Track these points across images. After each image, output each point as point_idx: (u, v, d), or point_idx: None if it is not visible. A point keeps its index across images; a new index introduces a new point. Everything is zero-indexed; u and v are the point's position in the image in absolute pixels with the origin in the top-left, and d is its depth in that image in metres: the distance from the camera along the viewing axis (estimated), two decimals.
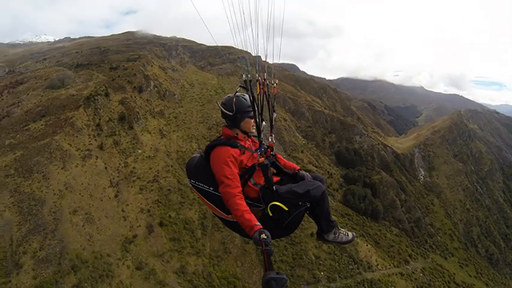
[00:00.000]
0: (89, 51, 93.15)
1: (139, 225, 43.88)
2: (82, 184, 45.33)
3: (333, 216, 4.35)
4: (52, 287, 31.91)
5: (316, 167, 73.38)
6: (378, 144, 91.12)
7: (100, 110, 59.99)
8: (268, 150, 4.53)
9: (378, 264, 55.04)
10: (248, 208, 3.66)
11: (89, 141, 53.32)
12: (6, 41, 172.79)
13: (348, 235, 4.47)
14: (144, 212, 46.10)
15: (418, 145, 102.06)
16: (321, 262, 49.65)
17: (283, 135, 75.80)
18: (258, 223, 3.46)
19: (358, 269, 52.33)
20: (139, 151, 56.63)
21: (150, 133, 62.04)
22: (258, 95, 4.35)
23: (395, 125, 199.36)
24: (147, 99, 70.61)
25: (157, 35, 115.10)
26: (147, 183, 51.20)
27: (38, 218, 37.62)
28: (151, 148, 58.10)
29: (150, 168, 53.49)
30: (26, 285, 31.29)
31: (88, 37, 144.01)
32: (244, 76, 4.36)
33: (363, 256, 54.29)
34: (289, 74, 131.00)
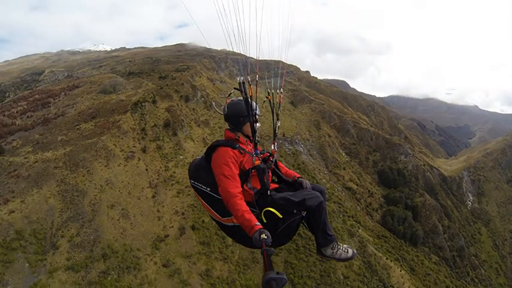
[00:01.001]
0: (141, 60, 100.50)
1: (172, 226, 45.92)
2: (122, 182, 48.59)
3: (331, 231, 4.28)
4: (82, 269, 34.87)
5: (357, 185, 72.79)
6: (424, 165, 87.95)
7: (146, 115, 63.85)
8: (270, 157, 4.64)
9: None
10: (248, 208, 3.72)
11: (133, 144, 56.97)
12: (67, 49, 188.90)
13: (347, 252, 4.34)
14: (178, 214, 48.11)
15: (468, 168, 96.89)
16: (348, 283, 48.33)
17: (326, 151, 76.30)
18: (258, 223, 3.52)
19: None
20: (181, 157, 59.26)
21: (193, 141, 64.81)
22: (251, 96, 4.45)
23: (446, 146, 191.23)
24: (193, 109, 73.92)
25: (208, 47, 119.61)
26: (185, 187, 53.10)
27: (78, 208, 41.19)
28: (193, 155, 60.56)
29: None
30: (58, 265, 34.55)
31: (142, 47, 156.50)
32: (238, 78, 4.43)
33: (394, 282, 52.11)
34: (338, 90, 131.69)
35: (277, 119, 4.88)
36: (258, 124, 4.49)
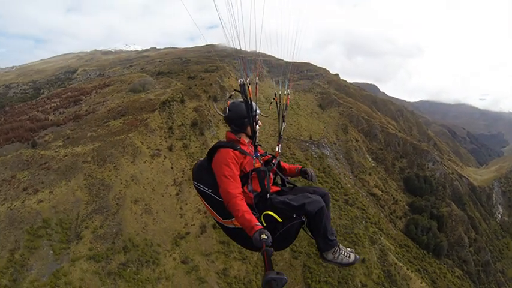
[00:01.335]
0: (171, 60, 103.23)
1: (194, 224, 46.85)
2: (147, 178, 50.02)
3: (332, 235, 4.23)
4: (102, 260, 36.50)
5: (382, 191, 71.52)
6: (453, 173, 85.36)
7: (174, 114, 65.29)
8: (272, 159, 4.69)
9: None
10: (248, 209, 3.71)
11: (160, 142, 58.47)
12: (100, 48, 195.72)
13: (349, 257, 4.33)
14: (200, 212, 48.94)
15: (499, 178, 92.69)
16: None
17: (353, 156, 75.57)
18: (259, 223, 3.51)
19: None
20: None
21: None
22: (250, 97, 4.44)
23: (477, 155, 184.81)
24: (221, 109, 74.11)
25: (238, 48, 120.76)
26: None
27: (103, 201, 42.93)
28: None
29: None
30: (81, 254, 36.35)
31: (172, 48, 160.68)
32: (239, 80, 4.46)
33: None
34: (367, 94, 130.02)
35: (283, 121, 4.92)
36: (258, 126, 4.49)
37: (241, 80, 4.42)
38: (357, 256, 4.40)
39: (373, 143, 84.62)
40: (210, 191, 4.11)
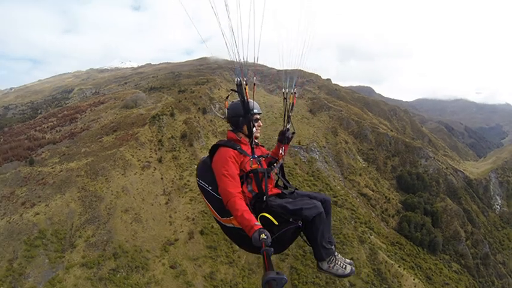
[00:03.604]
0: (163, 76, 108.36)
1: (182, 231, 50.24)
2: (137, 189, 53.73)
3: (328, 244, 4.21)
4: (94, 266, 40.15)
5: (373, 191, 73.91)
6: (447, 168, 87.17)
7: (163, 128, 69.12)
8: (275, 161, 4.73)
9: None
10: (248, 208, 3.70)
11: (150, 154, 62.19)
12: (96, 67, 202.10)
13: (345, 268, 4.28)
14: (189, 220, 52.28)
15: (496, 169, 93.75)
16: None
17: (342, 158, 78.31)
18: (258, 223, 3.50)
19: None
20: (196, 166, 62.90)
21: None
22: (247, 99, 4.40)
23: (476, 148, 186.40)
24: (210, 120, 78.46)
25: (229, 59, 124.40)
26: (198, 195, 56.26)
27: (95, 211, 46.83)
28: None
29: None
30: (75, 262, 40.20)
31: (167, 63, 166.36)
32: (236, 79, 4.37)
33: None
34: (359, 96, 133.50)
35: (288, 122, 4.97)
36: (257, 126, 4.49)
37: (238, 80, 4.33)
38: (353, 268, 4.39)
39: (363, 143, 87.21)
40: (210, 188, 4.14)
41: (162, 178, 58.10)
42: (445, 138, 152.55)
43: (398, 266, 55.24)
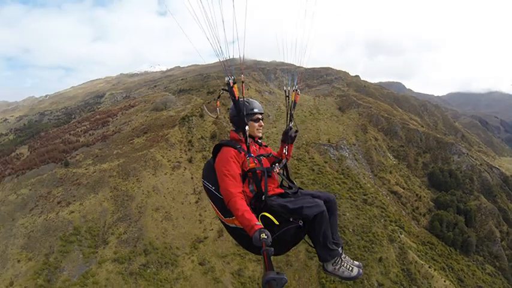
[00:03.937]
0: (192, 78, 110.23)
1: (212, 229, 50.76)
2: (168, 189, 54.86)
3: (333, 245, 4.07)
4: (125, 261, 41.68)
5: (403, 188, 71.72)
6: (481, 164, 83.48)
7: (193, 128, 70.33)
8: (278, 161, 4.70)
9: None
10: (249, 208, 3.69)
11: (180, 155, 63.36)
12: (126, 72, 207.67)
13: (351, 270, 4.17)
14: (219, 218, 52.52)
15: None
16: None
17: (372, 155, 76.57)
18: (259, 223, 3.50)
19: None
20: None
21: None
22: (240, 97, 4.46)
23: None
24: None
25: (258, 60, 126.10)
26: None
27: (127, 210, 48.40)
28: None
29: None
30: (107, 257, 41.92)
31: (195, 65, 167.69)
32: (226, 79, 4.41)
33: None
34: (388, 92, 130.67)
35: (291, 120, 4.93)
36: (247, 127, 4.36)
37: (228, 79, 4.38)
38: (361, 271, 4.27)
39: (394, 140, 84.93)
40: (213, 188, 4.11)
41: (192, 178, 59.00)
42: (479, 133, 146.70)
43: (429, 267, 53.29)
